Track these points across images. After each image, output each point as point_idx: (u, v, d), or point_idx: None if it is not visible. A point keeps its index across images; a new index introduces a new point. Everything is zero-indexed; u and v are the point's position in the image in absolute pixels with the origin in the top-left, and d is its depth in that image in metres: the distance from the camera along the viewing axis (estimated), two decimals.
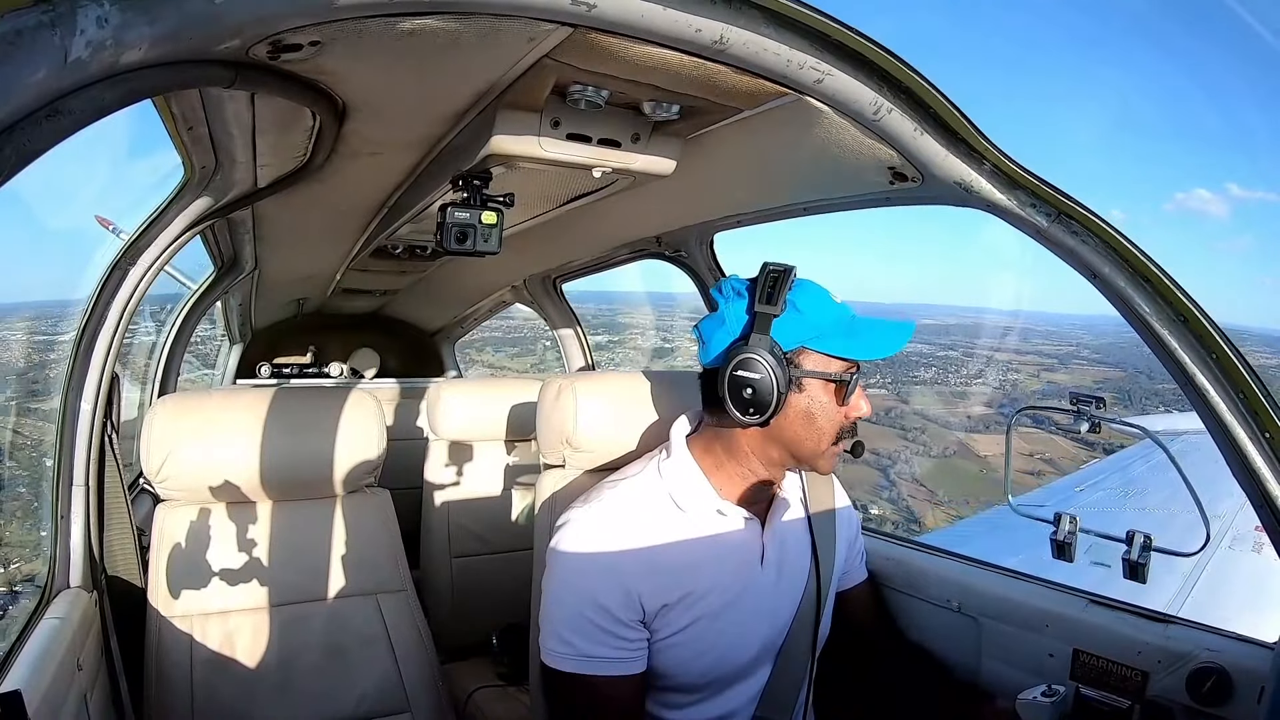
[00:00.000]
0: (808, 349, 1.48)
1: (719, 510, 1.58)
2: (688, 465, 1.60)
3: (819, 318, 1.50)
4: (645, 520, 1.54)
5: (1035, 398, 36.76)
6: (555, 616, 1.51)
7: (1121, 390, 36.07)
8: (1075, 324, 50.34)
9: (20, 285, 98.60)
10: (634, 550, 1.50)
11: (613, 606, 1.47)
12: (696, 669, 1.55)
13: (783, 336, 1.47)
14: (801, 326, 1.48)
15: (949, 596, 1.91)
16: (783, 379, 1.44)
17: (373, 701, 2.02)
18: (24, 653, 1.49)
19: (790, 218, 2.14)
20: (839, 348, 1.49)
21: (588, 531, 1.52)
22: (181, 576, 1.93)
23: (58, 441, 1.84)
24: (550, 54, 1.25)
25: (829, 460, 1.55)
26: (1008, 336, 44.54)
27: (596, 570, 1.49)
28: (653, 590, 1.49)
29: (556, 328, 4.02)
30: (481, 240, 1.76)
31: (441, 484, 3.22)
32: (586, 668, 1.47)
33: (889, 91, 1.29)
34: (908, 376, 40.55)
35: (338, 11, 0.94)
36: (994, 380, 40.97)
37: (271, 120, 1.47)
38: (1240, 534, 6.17)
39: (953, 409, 38.96)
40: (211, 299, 3.52)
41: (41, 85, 0.70)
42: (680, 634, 1.52)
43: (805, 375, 1.48)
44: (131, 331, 1.96)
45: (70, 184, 13.98)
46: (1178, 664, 1.51)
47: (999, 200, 1.40)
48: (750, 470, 1.58)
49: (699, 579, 1.53)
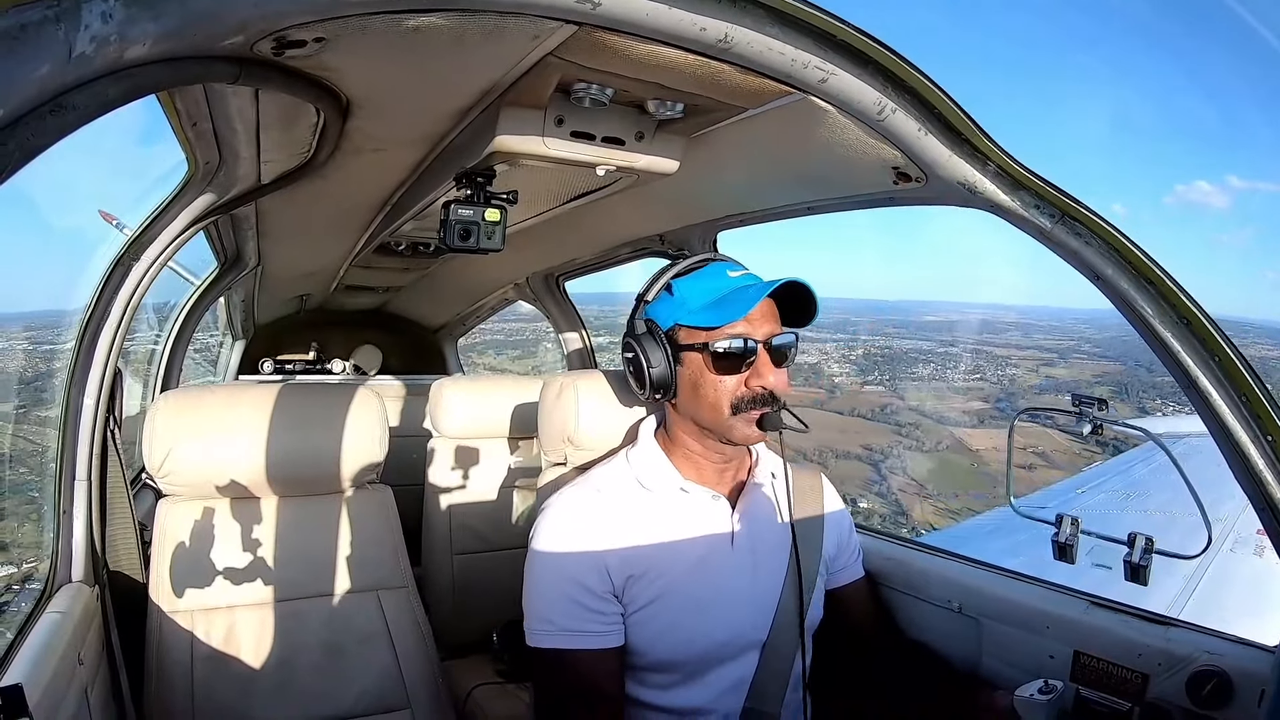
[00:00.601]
0: (681, 325, 1.61)
1: (682, 488, 1.67)
2: (652, 449, 1.73)
3: (689, 294, 1.61)
4: (613, 499, 1.65)
5: (1033, 393, 37.00)
6: (534, 596, 1.60)
7: (1119, 384, 36.13)
8: (1078, 318, 50.51)
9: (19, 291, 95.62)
10: (602, 525, 1.60)
11: (586, 580, 1.55)
12: (669, 644, 1.59)
13: (660, 317, 1.63)
14: (671, 306, 1.62)
15: (950, 597, 1.91)
16: (659, 356, 1.61)
17: (373, 698, 2.02)
18: (25, 647, 1.49)
19: (794, 217, 2.14)
20: (702, 318, 1.57)
21: (559, 513, 1.62)
22: (183, 572, 1.93)
23: (60, 437, 1.84)
24: (554, 52, 1.25)
25: (738, 430, 1.60)
26: (1009, 332, 44.74)
27: (569, 547, 1.58)
28: (620, 562, 1.57)
29: (559, 326, 4.02)
30: (485, 238, 1.76)
31: (443, 481, 3.21)
32: (567, 642, 1.55)
33: (893, 91, 1.28)
34: (906, 373, 40.85)
35: (342, 8, 0.94)
36: (992, 376, 41.29)
37: (275, 116, 1.47)
38: (1242, 537, 6.16)
39: (948, 405, 39.26)
40: (214, 295, 3.52)
41: (45, 80, 0.70)
42: (649, 607, 1.58)
43: (681, 350, 1.60)
44: (132, 338, 1.96)
45: (73, 179, 13.93)
46: (1178, 667, 1.51)
47: (1003, 201, 1.40)
48: (691, 450, 1.70)
49: (664, 553, 1.61)
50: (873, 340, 45.13)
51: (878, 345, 44.30)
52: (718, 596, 1.62)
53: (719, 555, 1.65)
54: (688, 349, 1.58)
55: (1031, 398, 37.42)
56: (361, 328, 5.32)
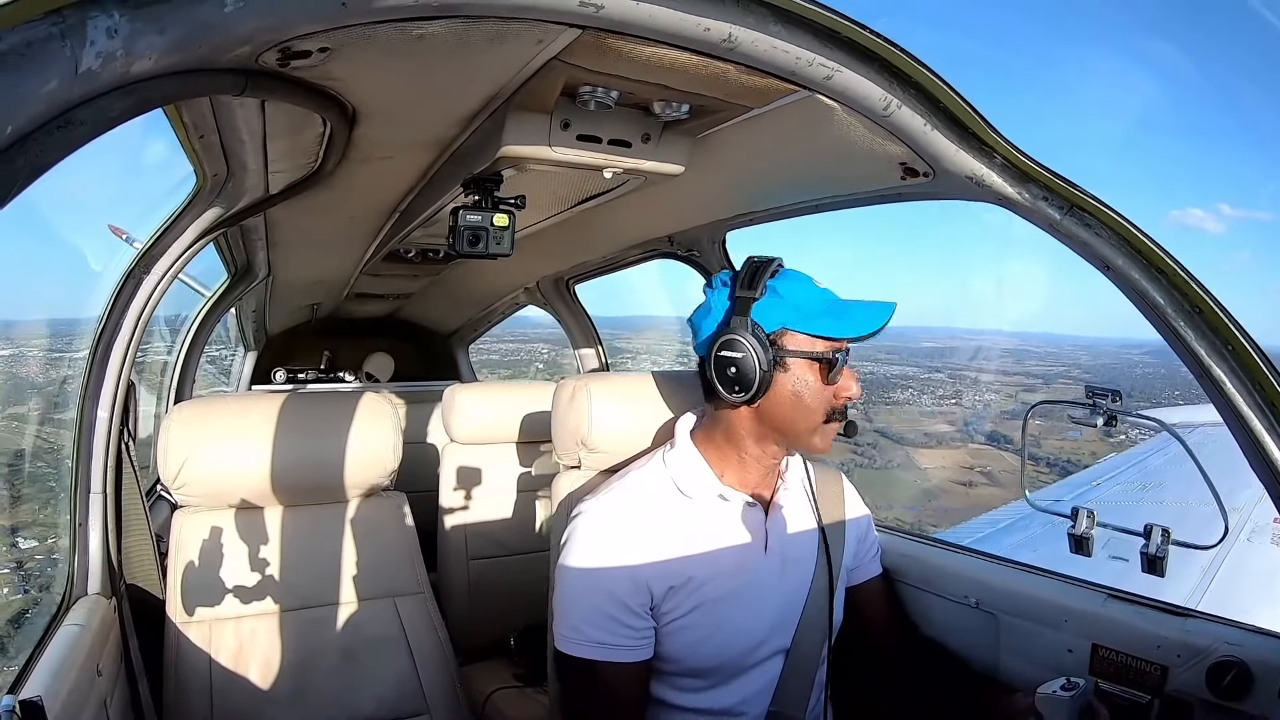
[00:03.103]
0: (789, 330, 1.54)
1: (721, 495, 1.64)
2: (690, 453, 1.67)
3: (799, 300, 1.55)
4: (652, 508, 1.61)
5: (1004, 417, 38.41)
6: (567, 603, 1.57)
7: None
8: (1079, 344, 50.79)
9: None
10: (641, 536, 1.57)
11: (621, 594, 1.53)
12: (704, 653, 1.58)
13: (764, 319, 1.54)
14: (782, 308, 1.54)
15: (966, 592, 1.90)
16: (765, 358, 1.51)
17: (391, 704, 2.03)
18: (44, 659, 1.50)
19: (802, 215, 2.13)
20: (819, 327, 1.54)
21: (597, 521, 1.58)
22: (200, 582, 1.94)
23: (75, 450, 1.85)
24: (559, 55, 1.25)
25: (823, 440, 1.59)
26: (1002, 359, 45.50)
27: (605, 559, 1.54)
28: (660, 574, 1.55)
29: (569, 329, 4.02)
30: (494, 243, 1.76)
31: (457, 487, 3.22)
32: (594, 653, 1.53)
33: (898, 87, 1.28)
34: (881, 397, 41.87)
35: (347, 18, 0.95)
36: (967, 401, 42.80)
37: (282, 127, 1.48)
38: (1259, 526, 6.13)
39: (913, 426, 40.39)
40: (226, 306, 3.53)
41: (53, 96, 0.70)
42: (687, 616, 1.56)
43: (788, 355, 1.53)
44: (144, 351, 1.97)
45: (82, 194, 13.74)
46: (1197, 658, 1.50)
47: (1010, 194, 1.40)
48: (747, 454, 1.64)
49: (704, 562, 1.58)
50: (859, 365, 46.06)
51: (862, 370, 44.94)
52: (753, 604, 1.62)
53: (754, 561, 1.64)
54: (795, 354, 1.53)
55: (998, 420, 38.66)
56: (373, 335, 5.33)
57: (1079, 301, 66.60)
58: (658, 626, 1.57)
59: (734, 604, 1.59)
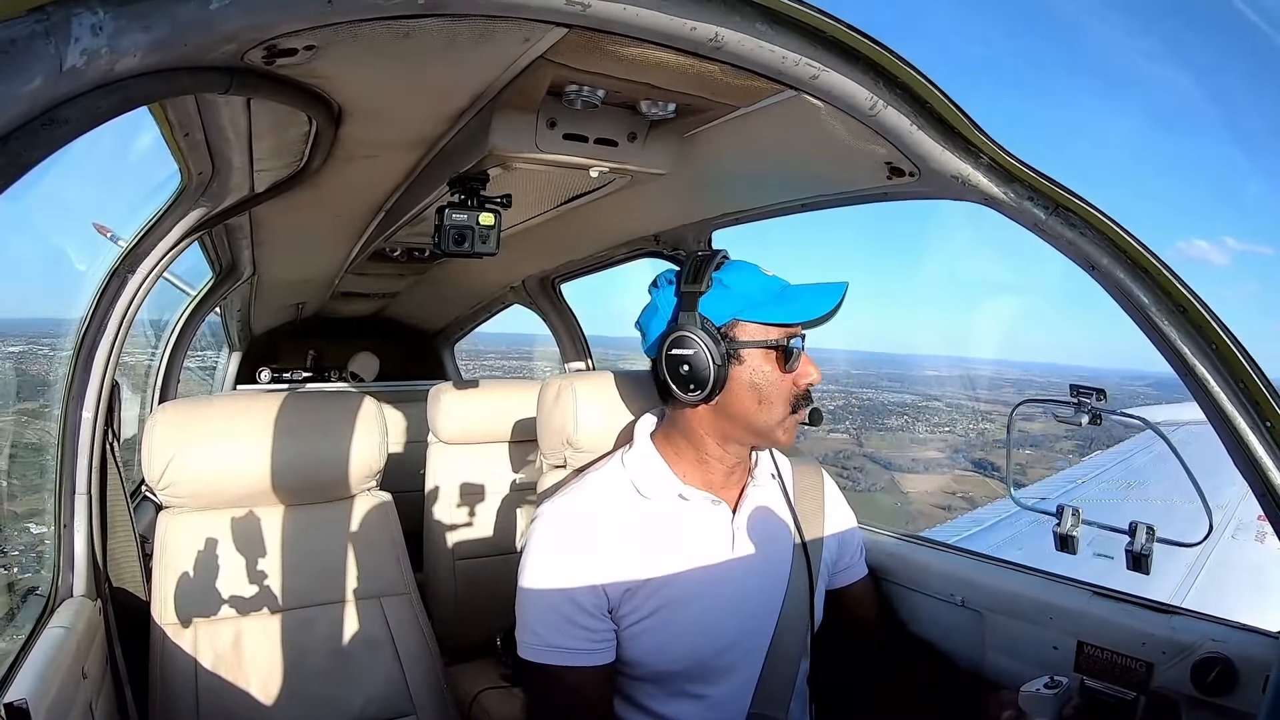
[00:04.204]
0: (740, 320, 1.52)
1: (681, 495, 1.61)
2: (649, 453, 1.65)
3: (746, 289, 1.53)
4: (608, 509, 1.59)
5: (996, 445, 39.08)
6: (526, 608, 1.56)
7: (1086, 438, 37.86)
8: (1081, 374, 51.36)
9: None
10: (597, 538, 1.55)
11: (577, 597, 1.51)
12: (673, 655, 1.56)
13: (713, 312, 1.52)
14: (730, 300, 1.52)
15: (952, 591, 1.90)
16: (718, 352, 1.49)
17: (378, 705, 2.02)
18: (29, 662, 1.48)
19: (788, 214, 2.13)
20: (770, 314, 1.52)
21: (552, 524, 1.57)
22: (185, 583, 1.93)
23: (59, 451, 1.84)
24: (545, 54, 1.25)
25: (788, 432, 1.57)
26: (1003, 389, 46.29)
27: (561, 561, 1.53)
28: (616, 576, 1.53)
29: (555, 328, 4.01)
30: (479, 242, 1.76)
31: (444, 487, 3.21)
32: (554, 658, 1.51)
33: (884, 87, 1.28)
34: (875, 424, 42.40)
35: (332, 16, 0.94)
36: (960, 429, 43.72)
37: (267, 125, 1.47)
38: (1243, 523, 6.18)
39: (903, 452, 41.01)
40: (210, 305, 3.51)
41: (37, 94, 0.70)
42: (650, 619, 1.54)
43: (742, 346, 1.51)
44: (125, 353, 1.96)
45: (66, 192, 13.51)
46: (1182, 654, 1.51)
47: (995, 193, 1.40)
48: (707, 454, 1.62)
49: (663, 563, 1.56)
50: (861, 392, 46.53)
51: (863, 397, 45.65)
52: (720, 604, 1.59)
53: (719, 561, 1.61)
54: (749, 345, 1.51)
55: (990, 449, 39.11)
56: (358, 335, 5.31)
57: (1090, 327, 66.31)
58: (619, 630, 1.55)
59: (700, 605, 1.57)
